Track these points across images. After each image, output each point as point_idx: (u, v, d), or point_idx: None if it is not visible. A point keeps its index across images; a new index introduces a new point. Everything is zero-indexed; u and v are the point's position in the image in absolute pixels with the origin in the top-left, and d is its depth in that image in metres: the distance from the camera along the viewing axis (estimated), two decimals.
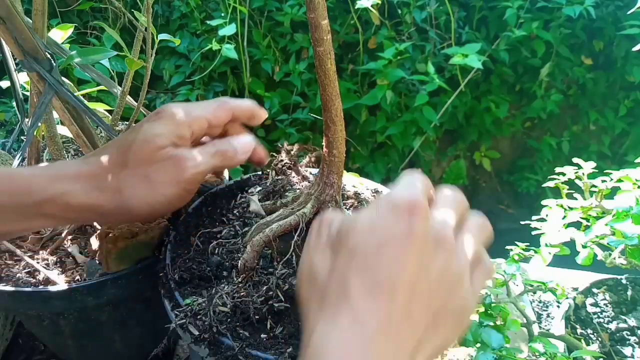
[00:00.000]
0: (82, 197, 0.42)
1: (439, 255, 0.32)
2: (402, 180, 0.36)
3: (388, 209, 0.32)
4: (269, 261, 0.46)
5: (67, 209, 0.42)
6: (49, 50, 0.57)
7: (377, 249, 0.31)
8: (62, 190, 0.41)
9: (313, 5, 0.37)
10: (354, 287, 0.30)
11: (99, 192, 0.42)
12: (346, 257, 0.32)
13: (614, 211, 0.55)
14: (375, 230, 0.32)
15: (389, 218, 0.32)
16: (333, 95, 0.41)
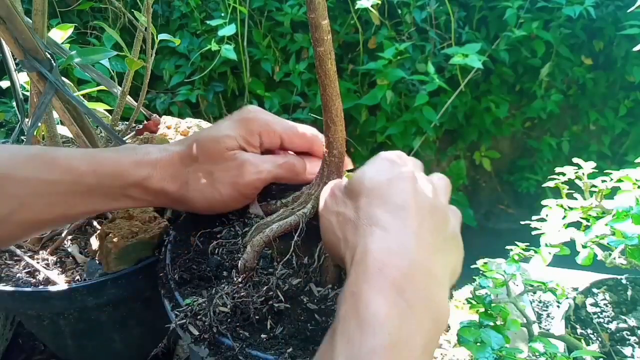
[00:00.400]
0: (159, 183, 0.46)
1: (426, 189, 0.39)
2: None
3: (385, 160, 0.41)
4: (269, 261, 0.46)
5: (146, 192, 0.46)
6: (49, 50, 0.57)
7: (387, 185, 0.38)
8: (144, 175, 0.45)
9: (313, 5, 0.37)
10: (380, 213, 0.36)
11: (171, 180, 0.46)
12: (365, 196, 0.38)
13: (614, 211, 0.55)
14: (381, 173, 0.39)
15: (388, 165, 0.40)
16: (333, 96, 0.41)
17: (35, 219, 0.42)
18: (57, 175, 0.42)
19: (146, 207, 0.49)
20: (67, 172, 0.42)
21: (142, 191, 0.45)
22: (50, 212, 0.42)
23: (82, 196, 0.43)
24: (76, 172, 0.42)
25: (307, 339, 0.40)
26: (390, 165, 0.40)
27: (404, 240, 0.35)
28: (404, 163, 0.41)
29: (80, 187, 0.42)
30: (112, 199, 0.44)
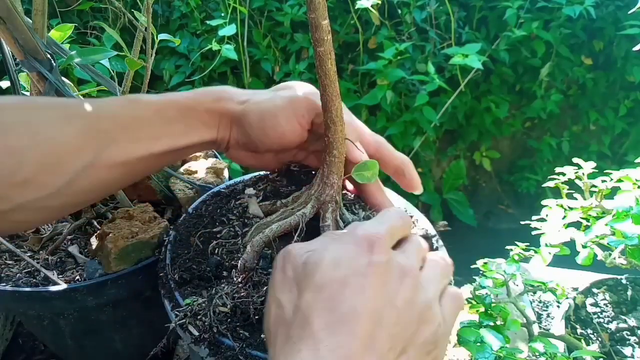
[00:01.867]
0: (227, 104, 0.47)
1: (404, 286, 0.33)
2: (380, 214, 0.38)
3: (350, 244, 0.34)
4: (269, 261, 0.46)
5: (213, 116, 0.47)
6: (49, 50, 0.57)
7: (340, 283, 0.32)
8: (215, 97, 0.47)
9: (313, 5, 0.37)
10: (317, 323, 0.31)
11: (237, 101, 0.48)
12: (311, 293, 0.32)
13: (614, 211, 0.55)
14: (338, 265, 0.33)
15: (351, 252, 0.33)
16: (333, 96, 0.41)
17: (124, 159, 0.43)
18: (141, 110, 0.44)
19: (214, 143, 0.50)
20: (150, 107, 0.45)
21: (212, 116, 0.47)
22: (137, 149, 0.44)
23: (164, 127, 0.45)
24: (158, 106, 0.45)
25: None
26: (356, 251, 0.33)
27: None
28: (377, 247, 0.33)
29: (162, 119, 0.45)
30: (189, 127, 0.46)
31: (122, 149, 0.43)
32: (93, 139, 0.42)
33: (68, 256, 0.64)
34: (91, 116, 0.42)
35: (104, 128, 0.42)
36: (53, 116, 0.41)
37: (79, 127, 0.41)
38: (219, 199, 0.57)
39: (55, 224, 0.70)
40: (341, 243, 0.34)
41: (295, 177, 0.57)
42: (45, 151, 0.40)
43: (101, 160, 0.42)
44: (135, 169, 0.45)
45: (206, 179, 0.69)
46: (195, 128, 0.46)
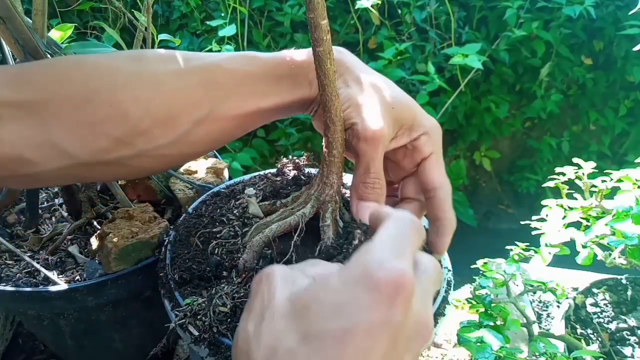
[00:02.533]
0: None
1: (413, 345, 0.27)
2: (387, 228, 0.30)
3: (367, 287, 0.26)
4: (268, 262, 0.46)
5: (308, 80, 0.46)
6: (49, 50, 0.57)
7: (339, 340, 0.25)
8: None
9: (312, 5, 0.37)
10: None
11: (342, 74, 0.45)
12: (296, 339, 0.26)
13: (614, 211, 0.55)
14: (341, 314, 0.25)
15: (365, 299, 0.25)
16: (333, 96, 0.41)
17: (235, 113, 0.44)
18: (256, 67, 0.45)
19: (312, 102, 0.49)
20: (265, 65, 0.45)
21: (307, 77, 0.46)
22: (247, 105, 0.45)
23: (274, 84, 0.45)
24: (272, 64, 0.46)
25: None
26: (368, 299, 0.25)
27: None
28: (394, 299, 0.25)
29: (273, 77, 0.45)
30: (296, 84, 0.46)
31: (234, 103, 0.44)
32: (211, 92, 0.43)
33: (68, 256, 0.64)
34: (211, 70, 0.44)
35: (220, 82, 0.44)
36: (175, 69, 0.43)
37: (198, 79, 0.43)
38: (219, 199, 0.57)
39: (56, 224, 0.70)
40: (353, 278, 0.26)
41: (295, 177, 0.57)
42: (168, 102, 0.42)
43: (215, 114, 0.44)
44: (244, 122, 0.46)
45: (206, 179, 0.69)
46: (302, 85, 0.46)
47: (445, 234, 0.45)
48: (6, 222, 0.70)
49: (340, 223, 0.47)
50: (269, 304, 0.28)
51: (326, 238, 0.45)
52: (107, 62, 0.42)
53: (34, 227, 0.68)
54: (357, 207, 0.45)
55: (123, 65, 0.42)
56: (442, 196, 0.45)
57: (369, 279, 0.26)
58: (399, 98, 0.46)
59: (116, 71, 0.41)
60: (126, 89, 0.40)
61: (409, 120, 0.46)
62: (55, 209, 0.73)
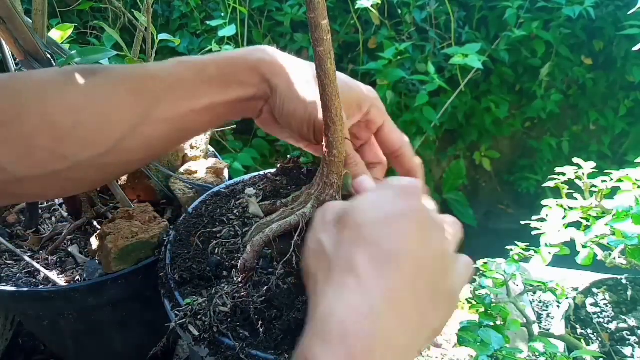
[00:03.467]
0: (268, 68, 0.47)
1: (435, 235, 0.35)
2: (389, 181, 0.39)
3: (391, 191, 0.36)
4: (269, 261, 0.46)
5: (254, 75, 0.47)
6: (49, 50, 0.57)
7: (382, 223, 0.33)
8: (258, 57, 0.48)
9: (313, 5, 0.37)
10: (361, 259, 0.32)
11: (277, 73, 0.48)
12: (352, 231, 0.34)
13: (614, 211, 0.55)
14: (380, 208, 0.35)
15: (393, 197, 0.35)
16: (333, 95, 0.41)
17: (168, 116, 0.45)
18: (184, 70, 0.46)
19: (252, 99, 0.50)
20: (193, 67, 0.47)
21: (251, 75, 0.48)
22: (179, 107, 0.45)
23: (204, 86, 0.46)
24: (200, 65, 0.47)
25: None
26: (394, 197, 0.35)
27: (378, 303, 0.30)
28: (413, 196, 0.36)
29: (202, 78, 0.46)
30: (226, 85, 0.47)
31: (166, 107, 0.45)
32: (141, 99, 0.44)
33: (68, 256, 0.64)
34: (140, 78, 0.45)
35: (151, 88, 0.45)
36: (104, 79, 0.44)
37: (129, 87, 0.44)
38: (219, 199, 0.57)
39: (56, 224, 0.70)
40: (379, 189, 0.37)
41: (295, 176, 0.57)
42: (99, 110, 0.42)
43: (148, 119, 0.44)
44: (178, 126, 0.47)
45: (206, 179, 0.69)
46: (233, 87, 0.48)
47: (419, 177, 0.52)
48: (6, 222, 0.70)
49: None
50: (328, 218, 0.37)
51: None
52: (37, 77, 0.43)
53: (34, 227, 0.68)
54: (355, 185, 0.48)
55: (52, 78, 0.42)
56: (407, 151, 0.51)
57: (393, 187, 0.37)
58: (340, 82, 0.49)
59: (45, 84, 0.42)
60: (55, 100, 0.41)
61: (355, 99, 0.49)
62: (55, 209, 0.73)
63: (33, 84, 0.42)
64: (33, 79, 0.42)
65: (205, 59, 0.47)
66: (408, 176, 0.52)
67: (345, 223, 0.35)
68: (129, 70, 0.45)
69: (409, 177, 0.39)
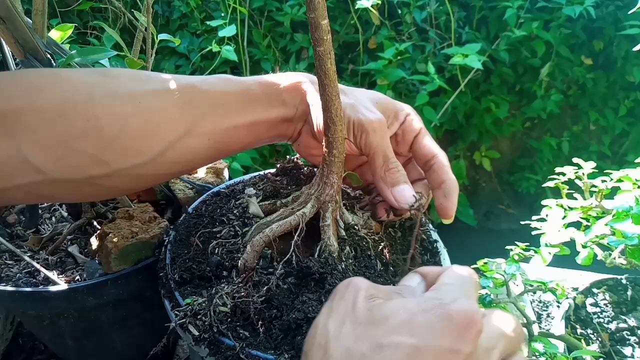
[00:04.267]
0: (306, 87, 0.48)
1: None
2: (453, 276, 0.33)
3: (440, 316, 0.28)
4: (269, 261, 0.46)
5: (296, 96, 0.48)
6: (49, 50, 0.57)
7: (406, 354, 0.27)
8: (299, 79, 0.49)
9: (313, 5, 0.37)
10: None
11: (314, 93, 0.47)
12: (369, 348, 0.28)
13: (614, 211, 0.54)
14: (414, 333, 0.28)
15: (437, 326, 0.28)
16: (333, 95, 0.41)
17: (211, 130, 0.45)
18: (231, 87, 0.47)
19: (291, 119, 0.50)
20: (238, 85, 0.47)
21: (292, 95, 0.48)
22: (223, 122, 0.46)
23: (248, 104, 0.47)
24: (245, 84, 0.48)
25: None
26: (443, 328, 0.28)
27: None
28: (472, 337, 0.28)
29: (247, 97, 0.47)
30: (269, 105, 0.48)
31: (209, 122, 0.45)
32: (187, 112, 0.44)
33: (68, 256, 0.64)
34: (187, 90, 0.45)
35: (197, 102, 0.45)
36: (152, 89, 0.43)
37: (176, 99, 0.44)
38: (219, 199, 0.57)
39: (56, 224, 0.70)
40: (429, 306, 0.29)
41: (295, 176, 0.57)
42: (145, 120, 0.42)
43: (192, 132, 0.44)
44: (220, 140, 0.47)
45: (206, 179, 0.69)
46: (275, 105, 0.48)
47: (452, 195, 0.47)
48: (6, 222, 0.70)
49: (341, 223, 0.47)
50: (353, 309, 0.31)
51: (326, 238, 0.45)
52: (82, 78, 0.41)
53: (34, 227, 0.68)
54: (394, 193, 0.46)
55: (99, 81, 0.41)
56: (442, 161, 0.48)
57: (444, 310, 0.28)
58: (373, 94, 0.50)
59: (92, 86, 0.40)
60: (103, 104, 0.40)
61: (391, 109, 0.49)
62: (55, 209, 0.73)
63: (79, 84, 0.40)
64: (79, 79, 0.41)
65: (249, 79, 0.48)
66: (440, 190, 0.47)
67: (365, 333, 0.29)
68: (176, 80, 0.45)
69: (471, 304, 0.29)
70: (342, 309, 0.31)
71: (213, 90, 0.46)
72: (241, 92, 0.47)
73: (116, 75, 0.43)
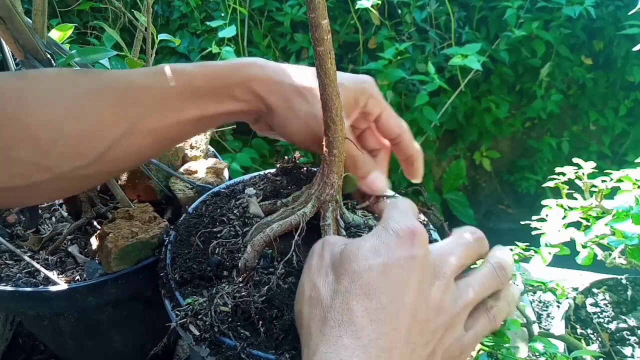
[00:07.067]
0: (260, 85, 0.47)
1: (436, 285, 0.34)
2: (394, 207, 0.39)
3: (391, 235, 0.34)
4: (269, 261, 0.46)
5: (248, 92, 0.47)
6: (49, 50, 0.57)
7: (380, 272, 0.33)
8: (251, 74, 0.47)
9: (313, 4, 0.37)
10: (358, 311, 0.31)
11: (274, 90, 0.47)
12: (350, 280, 0.33)
13: (614, 211, 0.54)
14: (379, 254, 0.33)
15: (392, 243, 0.34)
16: (333, 95, 0.41)
17: (155, 126, 0.44)
18: (170, 82, 0.45)
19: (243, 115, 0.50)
20: (179, 77, 0.45)
21: (244, 91, 0.47)
22: (166, 118, 0.45)
23: (193, 99, 0.45)
24: (187, 77, 0.45)
25: None
26: (395, 242, 0.34)
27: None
28: (414, 241, 0.34)
29: (190, 90, 0.45)
30: (218, 99, 0.46)
31: (153, 118, 0.44)
32: (126, 110, 0.43)
33: (68, 256, 0.64)
34: (123, 88, 0.44)
35: (135, 99, 0.44)
36: (87, 88, 0.42)
37: (112, 98, 0.43)
38: (219, 198, 0.57)
39: (56, 224, 0.70)
40: (381, 233, 0.35)
41: (295, 176, 0.57)
42: (83, 122, 0.41)
43: (134, 130, 0.43)
44: (165, 135, 0.46)
45: (206, 179, 0.69)
46: (225, 101, 0.47)
47: (418, 163, 0.53)
48: (6, 222, 0.70)
49: (341, 223, 0.47)
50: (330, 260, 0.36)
51: None
52: (11, 83, 0.40)
53: (34, 227, 0.68)
54: (367, 182, 0.48)
55: (29, 86, 0.41)
56: (407, 137, 0.51)
57: (392, 231, 0.35)
58: None
59: (22, 92, 0.40)
60: (37, 113, 0.39)
61: (350, 99, 0.49)
62: (55, 209, 0.73)
63: (9, 91, 0.40)
64: (8, 85, 0.40)
65: (192, 71, 0.46)
66: (408, 162, 0.52)
67: (344, 270, 0.34)
68: (113, 79, 0.44)
69: (410, 220, 0.35)
70: (324, 264, 0.36)
71: (153, 86, 0.44)
72: (184, 86, 0.45)
73: (46, 77, 0.43)
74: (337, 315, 0.32)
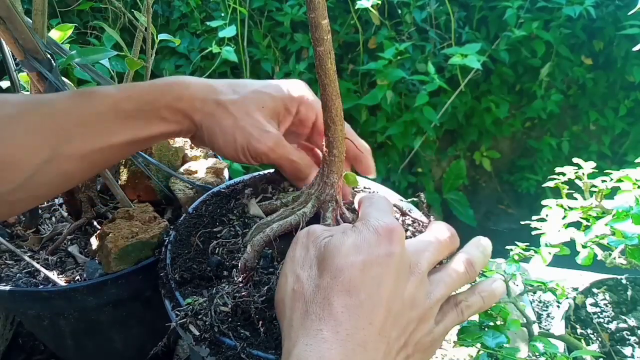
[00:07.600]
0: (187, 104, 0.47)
1: (410, 280, 0.36)
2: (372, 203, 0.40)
3: (371, 232, 0.36)
4: (269, 261, 0.46)
5: (176, 113, 0.47)
6: (49, 50, 0.57)
7: (360, 269, 0.34)
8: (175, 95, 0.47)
9: (313, 4, 0.37)
10: (338, 306, 0.33)
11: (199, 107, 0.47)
12: (332, 276, 0.34)
13: (614, 211, 0.54)
14: (359, 251, 0.35)
15: (372, 240, 0.35)
16: (333, 95, 0.41)
17: (83, 152, 0.44)
18: (95, 106, 0.44)
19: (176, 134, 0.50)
20: (105, 101, 0.45)
21: (172, 112, 0.47)
22: (95, 143, 0.44)
23: (121, 122, 0.45)
24: (113, 99, 0.45)
25: None
26: (375, 240, 0.35)
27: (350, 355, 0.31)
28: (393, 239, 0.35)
29: (118, 113, 0.45)
30: (148, 122, 0.46)
31: (80, 143, 0.44)
32: (48, 136, 0.43)
33: (68, 256, 0.64)
34: (43, 113, 0.43)
35: (58, 125, 0.43)
36: (6, 114, 0.42)
37: (31, 125, 0.42)
38: (219, 199, 0.57)
39: (56, 224, 0.70)
40: (362, 230, 0.36)
41: None
42: (3, 149, 0.41)
43: (60, 155, 0.43)
44: (96, 159, 0.46)
45: (206, 179, 0.69)
46: (155, 123, 0.47)
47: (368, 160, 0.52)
48: (6, 222, 0.70)
49: (341, 222, 0.47)
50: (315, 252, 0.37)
51: None
52: None
53: (34, 227, 0.68)
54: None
55: None
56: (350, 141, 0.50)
57: (371, 229, 0.36)
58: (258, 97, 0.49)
59: None
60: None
61: (280, 106, 0.49)
62: (55, 209, 0.73)
63: None
64: None
65: (116, 94, 0.45)
66: (356, 161, 0.52)
67: (327, 265, 0.35)
68: (35, 104, 0.44)
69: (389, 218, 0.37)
70: (308, 257, 0.37)
71: (76, 110, 0.44)
72: (110, 110, 0.45)
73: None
74: (318, 309, 0.33)
